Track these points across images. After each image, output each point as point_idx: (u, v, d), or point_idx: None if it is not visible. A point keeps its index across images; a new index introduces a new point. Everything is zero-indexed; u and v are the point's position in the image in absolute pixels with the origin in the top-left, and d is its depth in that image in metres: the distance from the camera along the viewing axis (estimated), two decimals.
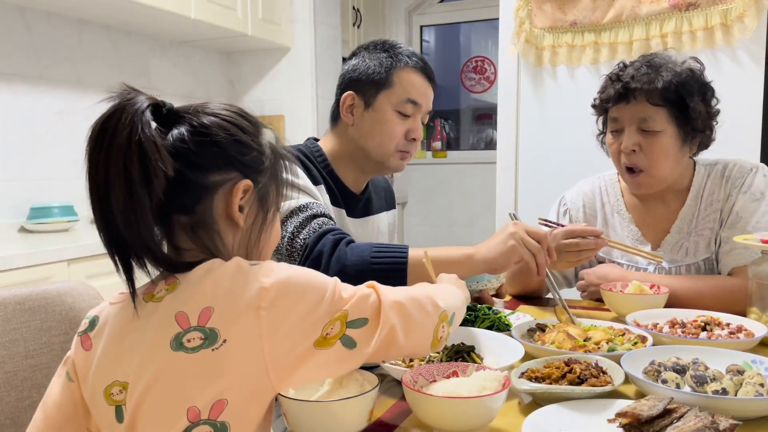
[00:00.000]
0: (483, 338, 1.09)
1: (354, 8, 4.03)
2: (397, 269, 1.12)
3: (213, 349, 0.66)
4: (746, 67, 2.27)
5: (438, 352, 1.02)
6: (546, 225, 1.41)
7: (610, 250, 1.54)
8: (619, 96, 1.39)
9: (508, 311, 1.31)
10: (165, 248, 0.73)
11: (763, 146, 2.27)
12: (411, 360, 1.02)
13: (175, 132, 0.71)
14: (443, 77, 4.92)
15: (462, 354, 1.01)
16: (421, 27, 4.77)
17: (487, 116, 4.77)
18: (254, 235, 0.77)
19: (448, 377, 0.87)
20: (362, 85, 1.33)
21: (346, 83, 1.36)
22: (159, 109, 0.71)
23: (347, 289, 0.72)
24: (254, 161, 0.75)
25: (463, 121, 4.89)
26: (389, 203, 1.59)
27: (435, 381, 0.86)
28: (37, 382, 1.02)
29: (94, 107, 0.68)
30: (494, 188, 2.78)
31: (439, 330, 0.77)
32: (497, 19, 2.70)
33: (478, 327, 1.18)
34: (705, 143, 1.44)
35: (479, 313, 1.26)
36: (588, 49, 2.49)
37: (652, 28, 2.36)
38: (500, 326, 1.20)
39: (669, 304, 1.32)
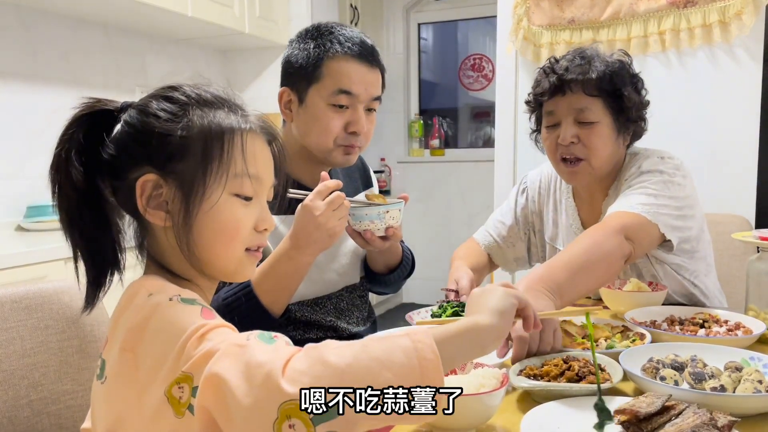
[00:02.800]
0: None
1: (351, 6, 4.02)
2: (248, 300, 1.10)
3: (101, 382, 0.65)
4: (744, 65, 2.26)
5: None
6: (448, 291, 1.38)
7: (554, 236, 1.56)
8: (555, 88, 1.37)
9: None
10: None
11: (761, 143, 2.27)
12: None
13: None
14: (441, 75, 4.92)
15: None
16: (419, 25, 4.76)
17: (485, 114, 4.77)
18: (181, 231, 0.67)
19: (446, 374, 0.87)
20: (294, 80, 1.25)
21: (282, 78, 1.29)
22: (110, 113, 0.71)
23: (210, 340, 0.57)
24: (168, 149, 0.67)
25: (461, 119, 4.89)
26: (365, 182, 1.50)
27: None
28: (34, 381, 1.02)
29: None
30: (492, 186, 2.78)
31: (284, 428, 0.51)
32: (495, 16, 2.70)
33: (445, 317, 1.15)
34: (638, 133, 1.44)
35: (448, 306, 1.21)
36: None
37: (650, 26, 2.36)
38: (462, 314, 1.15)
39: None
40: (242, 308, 1.09)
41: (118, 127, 0.70)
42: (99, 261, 0.70)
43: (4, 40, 2.36)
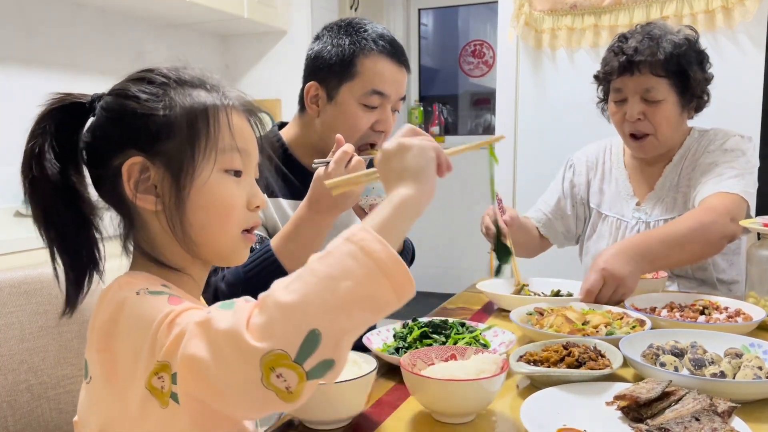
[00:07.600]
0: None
1: None
2: (270, 264, 1.07)
3: (87, 383, 0.64)
4: (747, 51, 2.25)
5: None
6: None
7: (600, 202, 1.64)
8: (623, 68, 1.45)
9: (483, 325, 1.10)
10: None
11: (762, 129, 2.26)
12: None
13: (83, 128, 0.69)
14: (441, 61, 4.89)
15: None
16: (419, 10, 4.72)
17: (485, 101, 4.74)
18: (174, 213, 0.65)
19: (446, 360, 0.87)
20: (324, 75, 1.23)
21: (309, 72, 1.27)
22: (81, 106, 0.69)
23: (178, 324, 0.55)
24: (153, 130, 0.65)
25: (461, 106, 4.86)
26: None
27: (433, 364, 0.85)
28: (33, 366, 1.01)
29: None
30: None
31: (273, 380, 0.51)
32: (496, 2, 2.68)
33: (411, 338, 1.04)
34: (701, 106, 1.53)
35: (451, 332, 1.07)
36: (588, 32, 2.47)
37: (652, 11, 2.34)
38: (478, 346, 1.01)
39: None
40: (263, 273, 1.07)
41: (94, 115, 0.68)
42: (78, 261, 0.68)
43: (0, 24, 2.34)
